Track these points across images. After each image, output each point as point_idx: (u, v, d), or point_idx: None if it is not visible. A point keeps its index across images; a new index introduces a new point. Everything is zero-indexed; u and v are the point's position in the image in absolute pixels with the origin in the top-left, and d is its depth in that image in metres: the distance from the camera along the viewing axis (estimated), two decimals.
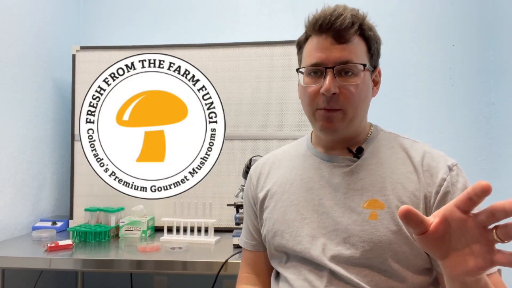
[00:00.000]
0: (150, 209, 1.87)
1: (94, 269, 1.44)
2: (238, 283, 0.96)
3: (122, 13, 2.28)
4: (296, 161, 0.89)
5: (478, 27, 2.05)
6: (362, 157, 0.82)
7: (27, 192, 1.85)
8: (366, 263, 0.74)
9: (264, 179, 0.92)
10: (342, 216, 0.78)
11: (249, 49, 1.86)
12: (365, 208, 0.76)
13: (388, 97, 2.04)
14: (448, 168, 0.76)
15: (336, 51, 0.77)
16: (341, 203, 0.79)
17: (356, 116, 0.80)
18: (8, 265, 1.45)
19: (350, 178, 0.80)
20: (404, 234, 0.73)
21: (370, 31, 0.81)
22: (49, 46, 2.01)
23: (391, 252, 0.73)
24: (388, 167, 0.79)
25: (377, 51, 0.83)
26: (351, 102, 0.77)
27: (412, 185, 0.76)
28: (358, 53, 0.78)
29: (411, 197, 0.75)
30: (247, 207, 0.97)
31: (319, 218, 0.80)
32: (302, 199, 0.83)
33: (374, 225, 0.74)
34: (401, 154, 0.81)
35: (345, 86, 0.77)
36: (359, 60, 0.77)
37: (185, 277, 2.14)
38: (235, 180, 1.81)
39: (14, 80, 1.76)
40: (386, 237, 0.73)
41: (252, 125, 1.84)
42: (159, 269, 1.39)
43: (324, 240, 0.78)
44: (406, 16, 2.10)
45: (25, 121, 1.83)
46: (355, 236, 0.75)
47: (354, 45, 0.78)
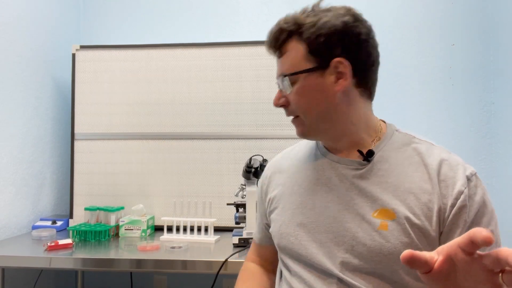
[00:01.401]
0: (150, 208, 1.87)
1: (94, 268, 1.44)
2: (246, 261, 1.03)
3: (122, 12, 2.28)
4: (307, 162, 0.88)
5: (479, 26, 2.05)
6: (372, 161, 0.78)
7: (27, 191, 1.85)
8: (376, 273, 0.72)
9: (277, 179, 0.92)
10: (350, 222, 0.75)
11: (249, 48, 1.86)
12: (375, 218, 0.73)
13: (388, 96, 2.04)
14: (466, 179, 0.72)
15: (278, 66, 0.82)
16: (350, 208, 0.76)
17: (316, 119, 0.79)
18: (8, 264, 1.45)
19: (359, 183, 0.77)
20: (416, 246, 0.70)
21: (310, 29, 0.75)
22: (49, 45, 2.01)
23: (402, 264, 0.72)
24: (401, 173, 0.75)
25: (324, 45, 0.75)
26: (299, 108, 0.80)
27: (425, 195, 0.72)
28: (292, 61, 0.78)
29: (424, 208, 0.71)
30: (260, 203, 0.98)
31: (325, 222, 0.78)
32: (310, 201, 0.81)
33: (384, 236, 0.71)
34: (416, 159, 0.76)
35: (288, 96, 0.80)
36: (293, 69, 0.78)
37: (185, 276, 2.15)
38: (235, 179, 1.81)
39: (14, 79, 1.76)
40: (397, 249, 0.70)
41: (252, 124, 1.84)
42: (159, 268, 1.39)
43: (331, 245, 0.76)
44: (406, 16, 2.10)
45: (25, 120, 1.83)
46: (364, 245, 0.72)
47: (288, 56, 0.79)
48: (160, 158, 1.89)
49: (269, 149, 1.81)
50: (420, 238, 0.70)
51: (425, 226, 0.70)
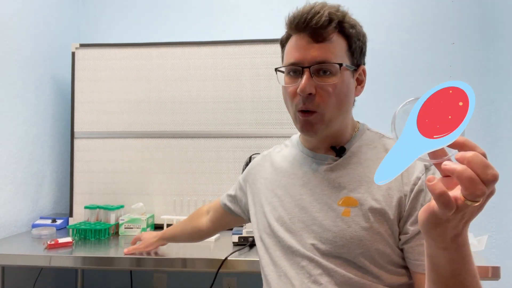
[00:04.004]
0: (149, 207, 1.87)
1: (94, 267, 1.44)
2: (203, 206, 1.22)
3: (121, 11, 2.28)
4: (287, 159, 0.93)
5: (478, 25, 2.04)
6: (344, 156, 0.82)
7: (27, 190, 1.85)
8: (342, 257, 0.76)
9: (261, 172, 0.97)
10: (319, 212, 0.80)
11: (249, 47, 1.85)
12: (340, 205, 0.78)
13: (387, 95, 2.04)
14: (424, 168, 0.76)
15: (313, 50, 0.75)
16: (319, 199, 0.81)
17: (335, 117, 0.79)
18: (8, 262, 1.45)
19: (330, 175, 0.82)
20: (376, 231, 0.74)
21: (351, 29, 0.78)
22: (49, 43, 2.01)
23: (362, 249, 0.75)
24: (367, 166, 0.80)
25: (359, 48, 0.80)
26: (327, 103, 0.76)
27: (386, 183, 0.76)
28: (336, 52, 0.76)
29: (385, 195, 0.76)
30: (241, 183, 1.04)
31: (299, 213, 0.83)
32: (287, 195, 0.87)
33: (346, 222, 0.76)
34: (382, 154, 0.81)
35: (322, 86, 0.76)
36: (337, 59, 0.75)
37: (185, 274, 2.15)
38: (235, 178, 1.81)
39: (13, 78, 1.76)
40: (357, 234, 0.75)
41: (252, 123, 1.84)
42: (159, 267, 1.39)
43: (302, 233, 0.81)
44: (407, 14, 2.10)
45: (25, 119, 1.83)
46: (329, 231, 0.78)
47: (332, 44, 0.76)
48: (160, 157, 1.89)
49: (269, 148, 1.80)
50: (380, 221, 0.75)
51: (384, 209, 0.75)
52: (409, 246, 0.74)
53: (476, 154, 0.45)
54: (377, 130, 0.88)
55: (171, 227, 1.31)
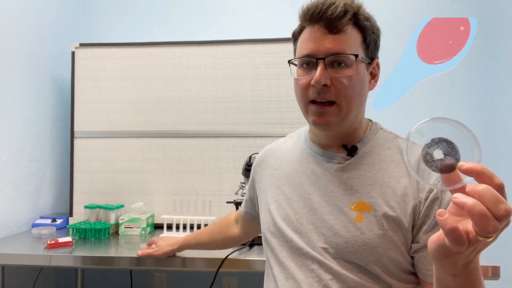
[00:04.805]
0: (149, 206, 1.87)
1: (94, 266, 1.44)
2: (231, 214, 1.20)
3: (121, 10, 2.28)
4: (293, 154, 0.89)
5: (479, 24, 2.04)
6: (355, 156, 0.79)
7: (27, 189, 1.85)
8: (353, 262, 0.74)
9: (267, 168, 0.93)
10: (329, 215, 0.77)
11: (249, 46, 1.85)
12: (352, 210, 0.75)
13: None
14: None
15: (328, 42, 0.73)
16: (329, 200, 0.78)
17: (351, 109, 0.76)
18: (8, 262, 1.45)
19: (341, 176, 0.79)
20: (390, 238, 0.72)
21: (366, 21, 0.77)
22: (49, 43, 2.01)
23: (374, 257, 0.72)
24: (381, 169, 0.77)
25: (374, 41, 0.79)
26: (344, 94, 0.74)
27: (402, 189, 0.74)
28: (351, 43, 0.74)
29: (400, 202, 0.73)
30: (250, 185, 1.02)
31: (308, 213, 0.80)
32: (295, 193, 0.83)
33: (359, 228, 0.74)
34: (397, 156, 0.78)
35: (337, 77, 0.73)
36: (352, 51, 0.74)
37: (184, 274, 2.15)
38: (235, 177, 1.81)
39: (13, 78, 1.76)
40: (371, 241, 0.72)
41: (252, 123, 1.84)
42: (159, 266, 1.39)
43: (311, 235, 0.78)
44: (407, 14, 2.10)
45: (24, 118, 1.83)
46: (340, 236, 0.75)
47: (347, 35, 0.74)
48: (160, 156, 1.89)
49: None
50: (394, 229, 0.72)
51: (399, 217, 0.72)
52: (420, 255, 0.72)
53: (488, 187, 0.42)
54: (391, 130, 0.85)
55: (195, 234, 1.28)
